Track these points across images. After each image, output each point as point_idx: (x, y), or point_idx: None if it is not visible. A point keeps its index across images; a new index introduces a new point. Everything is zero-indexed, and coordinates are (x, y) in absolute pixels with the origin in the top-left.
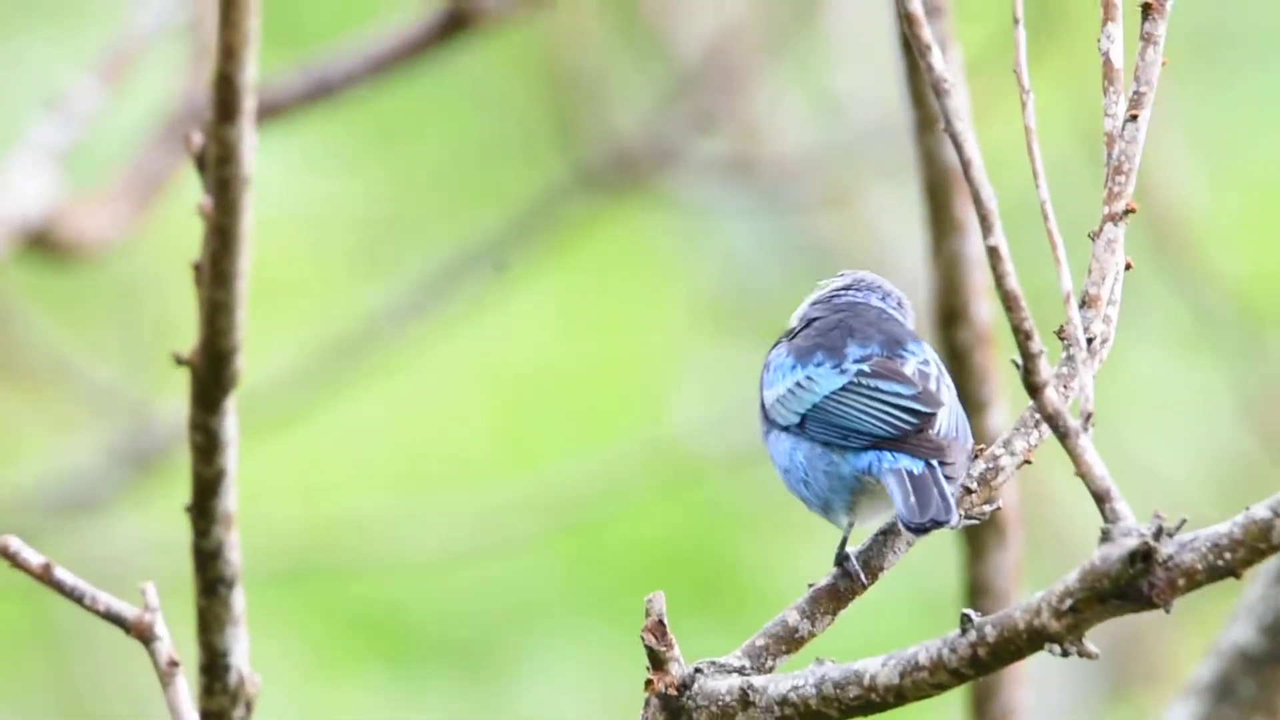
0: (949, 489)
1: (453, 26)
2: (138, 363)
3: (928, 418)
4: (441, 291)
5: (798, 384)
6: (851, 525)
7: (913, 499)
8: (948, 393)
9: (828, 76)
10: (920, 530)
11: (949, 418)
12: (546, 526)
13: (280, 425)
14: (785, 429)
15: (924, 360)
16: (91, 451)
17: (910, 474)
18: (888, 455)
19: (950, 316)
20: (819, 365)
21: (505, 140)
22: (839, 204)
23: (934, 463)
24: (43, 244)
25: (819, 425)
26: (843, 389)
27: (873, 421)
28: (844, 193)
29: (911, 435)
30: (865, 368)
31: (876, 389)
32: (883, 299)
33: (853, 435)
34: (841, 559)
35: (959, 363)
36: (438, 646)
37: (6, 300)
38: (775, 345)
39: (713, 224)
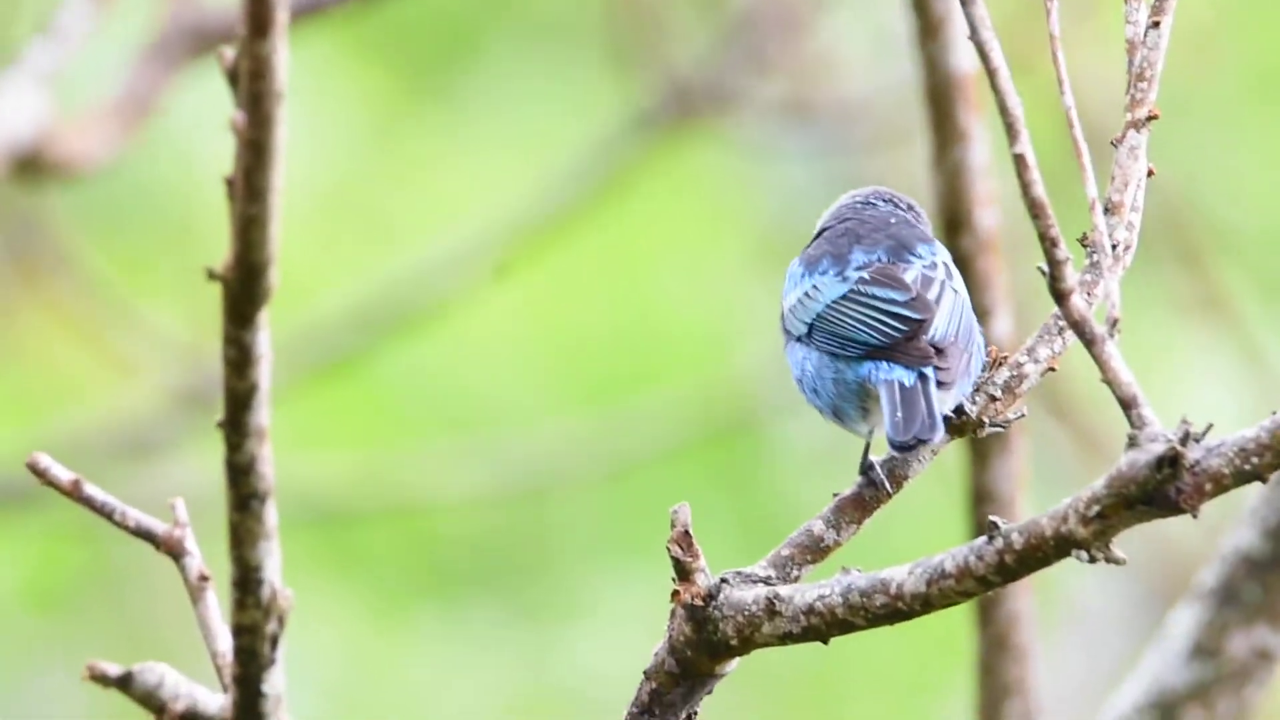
0: (937, 403)
1: None
2: (188, 295)
3: (919, 324)
4: (500, 236)
5: (805, 294)
6: (871, 432)
7: (899, 414)
8: (951, 296)
9: (883, 15)
10: (904, 448)
11: (946, 322)
12: (600, 467)
13: (336, 370)
14: (798, 339)
15: (930, 264)
16: (150, 393)
17: (901, 385)
18: (883, 365)
19: (953, 224)
20: (824, 273)
21: (563, 78)
22: (896, 144)
23: (926, 372)
24: (34, 165)
25: (823, 334)
26: (843, 297)
27: (865, 329)
28: (902, 133)
29: (902, 342)
30: (865, 274)
31: (873, 296)
32: (894, 207)
33: (850, 344)
34: (866, 468)
35: (963, 270)
36: (488, 587)
37: (61, 240)
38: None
39: (770, 165)
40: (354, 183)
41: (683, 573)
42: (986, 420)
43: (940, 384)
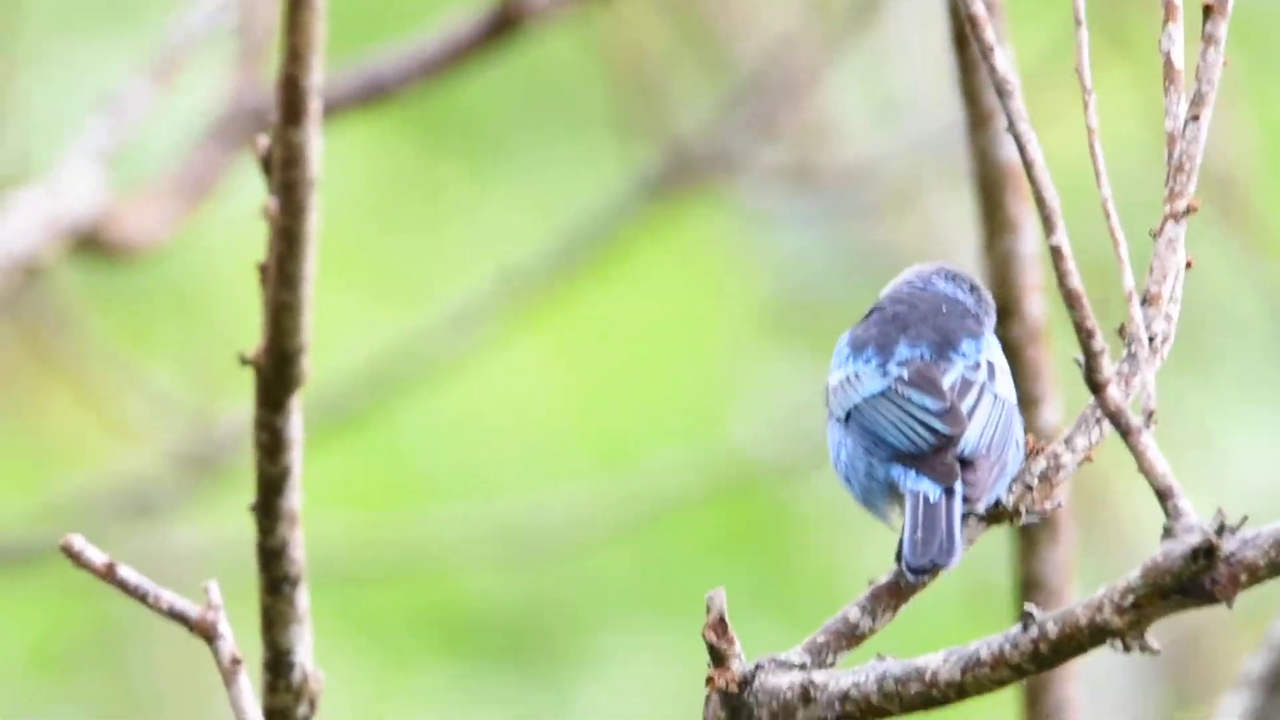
0: (959, 525)
1: (504, 25)
2: (196, 366)
3: (949, 438)
4: (499, 300)
5: (847, 379)
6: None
7: (918, 534)
8: (989, 403)
9: (888, 81)
10: (919, 573)
11: (979, 434)
12: (607, 528)
13: (344, 428)
14: (838, 420)
15: (974, 364)
16: (153, 457)
17: (925, 501)
18: (911, 473)
19: (1003, 313)
20: (867, 363)
21: (565, 143)
22: (901, 210)
23: (954, 487)
24: (92, 245)
25: (857, 427)
26: (881, 394)
27: (896, 433)
28: (905, 198)
29: (930, 455)
30: (904, 374)
31: (908, 399)
32: (955, 287)
33: (881, 444)
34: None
35: (1011, 359)
36: (500, 645)
37: (66, 305)
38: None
39: (773, 231)
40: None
41: (718, 658)
42: (1023, 509)
43: (966, 500)
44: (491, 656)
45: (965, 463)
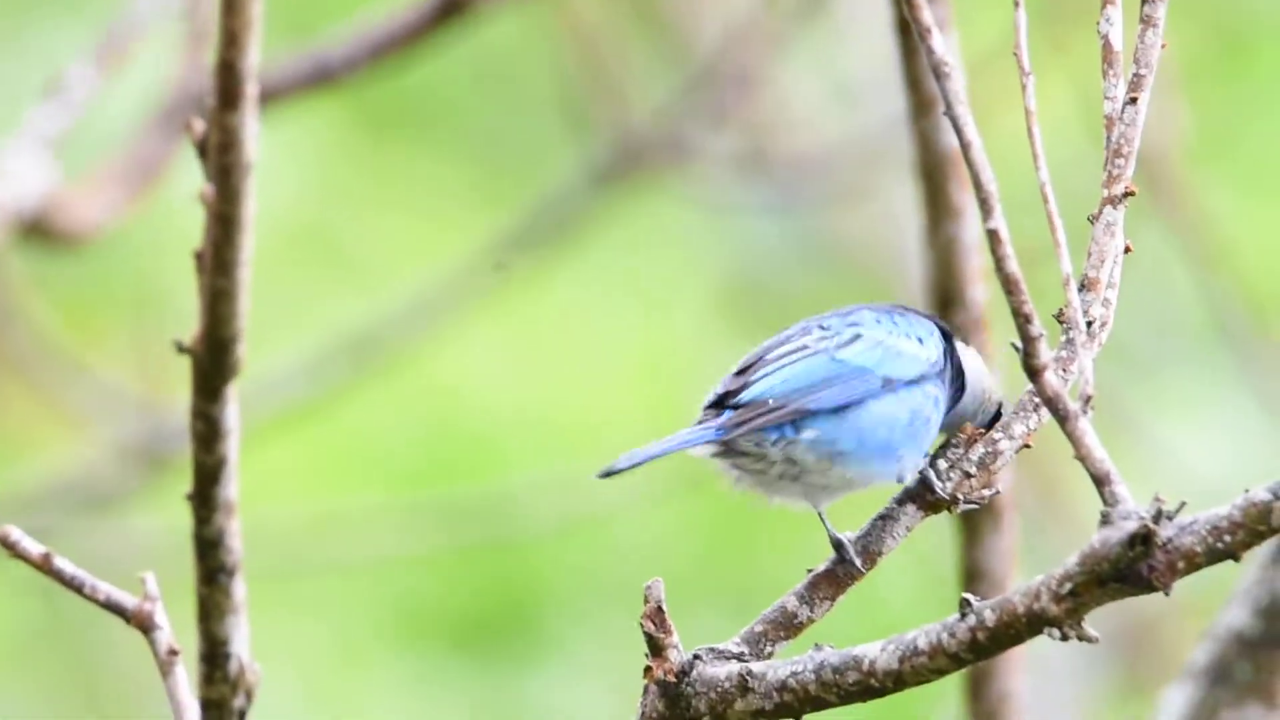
0: (651, 451)
1: (452, 8)
2: (143, 355)
3: (726, 394)
4: (449, 290)
5: None
6: (815, 507)
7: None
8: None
9: (840, 69)
10: (605, 475)
11: (767, 389)
12: (563, 518)
13: (290, 421)
14: None
15: (830, 335)
16: (100, 448)
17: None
18: None
19: (946, 301)
20: None
21: (514, 132)
22: (854, 198)
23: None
24: (38, 231)
25: None
26: None
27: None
28: (859, 187)
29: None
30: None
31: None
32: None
33: None
34: (836, 544)
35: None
36: (455, 634)
37: (11, 294)
38: None
39: (726, 218)
40: (309, 225)
41: (656, 649)
42: (961, 497)
43: (724, 433)
44: (446, 646)
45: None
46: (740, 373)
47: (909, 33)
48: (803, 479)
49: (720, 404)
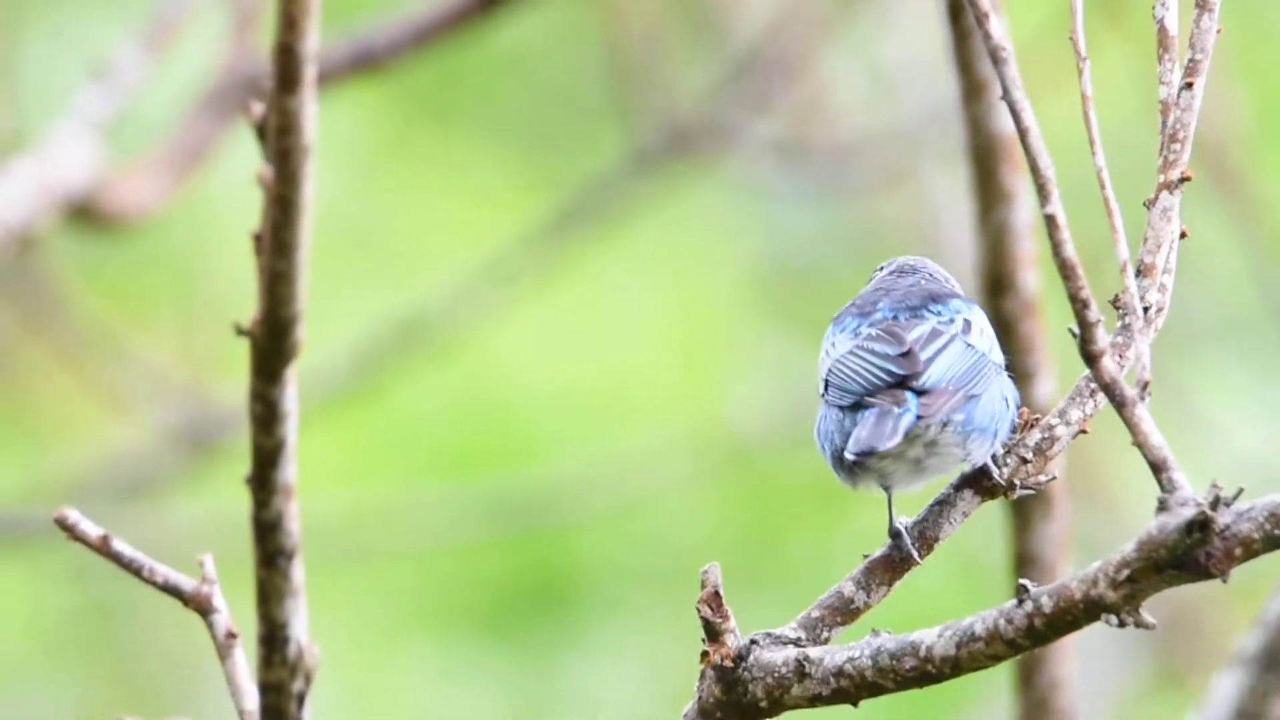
0: (903, 426)
1: None
2: (192, 339)
3: (904, 377)
4: (492, 275)
5: (826, 351)
6: (890, 490)
7: (863, 431)
8: (959, 350)
9: (882, 55)
10: (861, 455)
11: (942, 372)
12: (602, 503)
13: (335, 407)
14: (822, 396)
15: (949, 320)
16: (148, 432)
17: (878, 411)
18: (869, 406)
19: (997, 285)
20: (842, 330)
21: (558, 118)
22: (894, 186)
23: (903, 407)
24: (85, 214)
25: (830, 389)
26: (849, 352)
27: (856, 379)
28: (899, 175)
29: (884, 389)
30: (873, 331)
31: (870, 350)
32: (930, 274)
33: (844, 395)
34: (894, 533)
35: (1006, 332)
36: (489, 620)
37: (60, 276)
38: None
39: (766, 205)
40: (352, 210)
41: (713, 633)
42: (1018, 483)
43: (920, 417)
44: (482, 631)
45: (923, 393)
46: (904, 355)
47: (959, 16)
48: (926, 461)
49: (896, 386)
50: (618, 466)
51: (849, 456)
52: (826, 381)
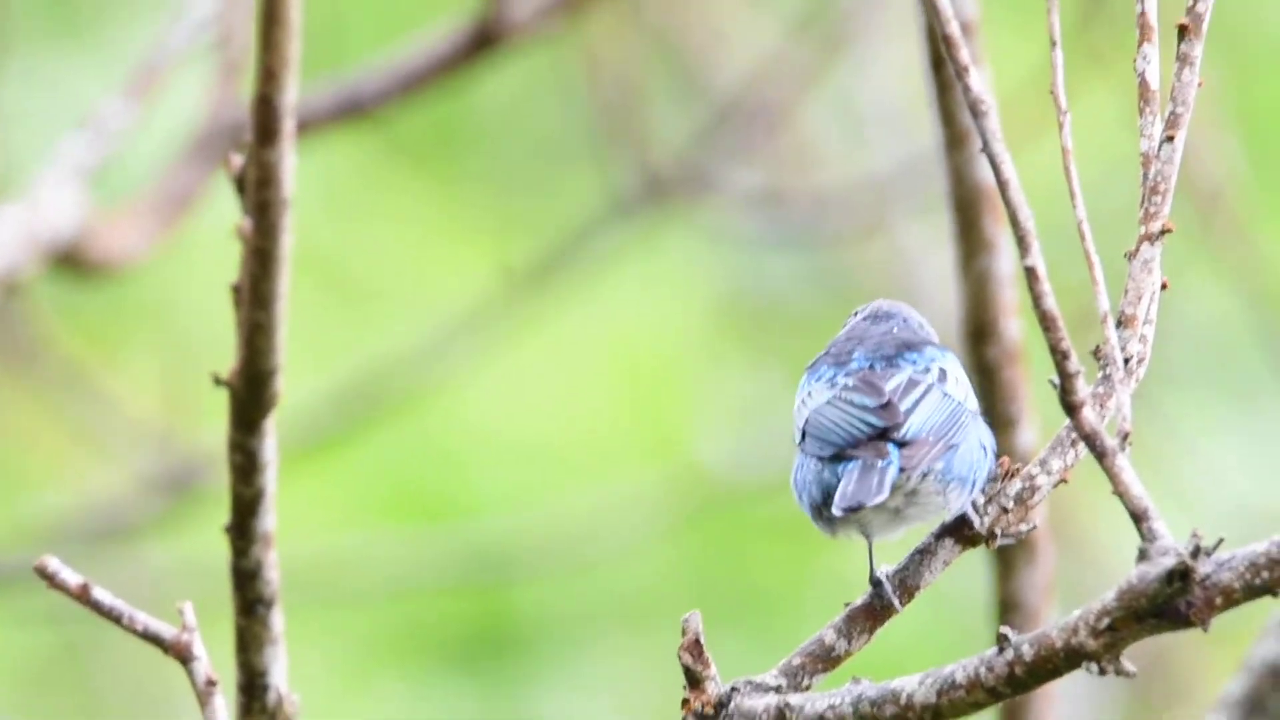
0: (889, 480)
1: (482, 43)
2: (171, 387)
3: (884, 430)
4: (467, 325)
5: (803, 400)
6: (869, 538)
7: (849, 486)
8: (936, 399)
9: (861, 105)
10: (848, 510)
11: (921, 423)
12: (572, 555)
13: (306, 454)
14: (798, 446)
15: (924, 369)
16: (124, 478)
17: (861, 465)
18: (850, 460)
19: (979, 334)
20: (818, 380)
21: (538, 166)
22: (872, 236)
23: (888, 462)
24: (71, 261)
25: (808, 440)
26: (827, 402)
27: (838, 432)
28: (877, 225)
29: (865, 441)
30: (850, 381)
31: (849, 401)
32: (904, 319)
33: (825, 445)
34: (875, 581)
35: (988, 380)
36: (465, 667)
37: (41, 323)
38: None
39: (745, 253)
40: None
41: (694, 681)
42: (999, 532)
43: (902, 469)
44: (456, 678)
45: (904, 444)
46: (883, 407)
47: (942, 67)
48: (905, 511)
49: (876, 437)
50: (589, 513)
51: (836, 513)
52: (804, 432)
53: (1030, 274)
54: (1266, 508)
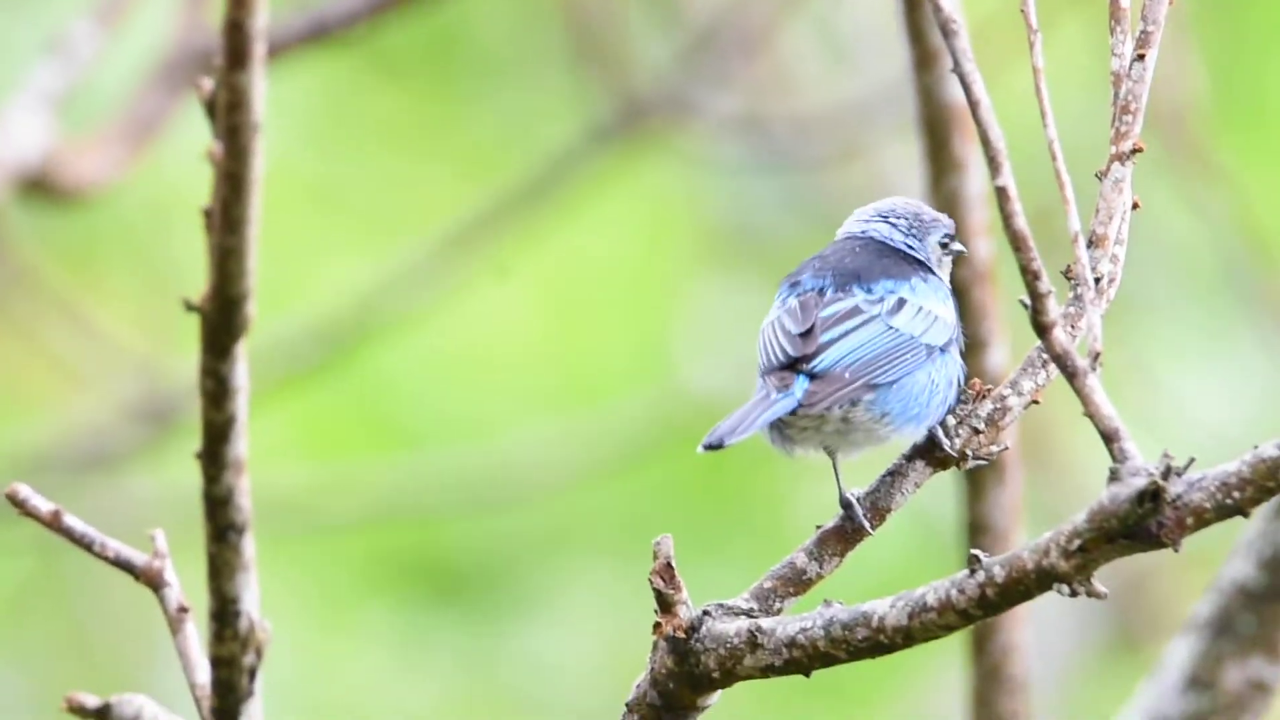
0: (760, 419)
1: None
2: (148, 313)
3: (796, 359)
4: (448, 257)
5: (767, 319)
6: (833, 458)
7: (727, 420)
8: (872, 331)
9: (840, 28)
10: (706, 448)
11: (840, 358)
12: (560, 474)
13: (292, 382)
14: None
15: (877, 299)
16: (105, 407)
17: (758, 395)
18: (760, 383)
19: None
20: (778, 298)
21: (517, 90)
22: (851, 159)
23: (780, 394)
24: (40, 187)
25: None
26: (768, 323)
27: (764, 355)
28: (856, 148)
29: (775, 368)
30: (790, 303)
31: (779, 324)
32: (893, 230)
33: (757, 367)
34: (845, 504)
35: (959, 300)
36: (444, 591)
37: (15, 252)
38: None
39: (726, 177)
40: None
41: (665, 605)
42: (970, 453)
43: (802, 405)
44: (432, 602)
45: (814, 377)
46: (804, 335)
47: None
48: (848, 436)
49: (789, 367)
50: (567, 438)
51: (699, 449)
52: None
53: (1001, 194)
54: (1233, 435)
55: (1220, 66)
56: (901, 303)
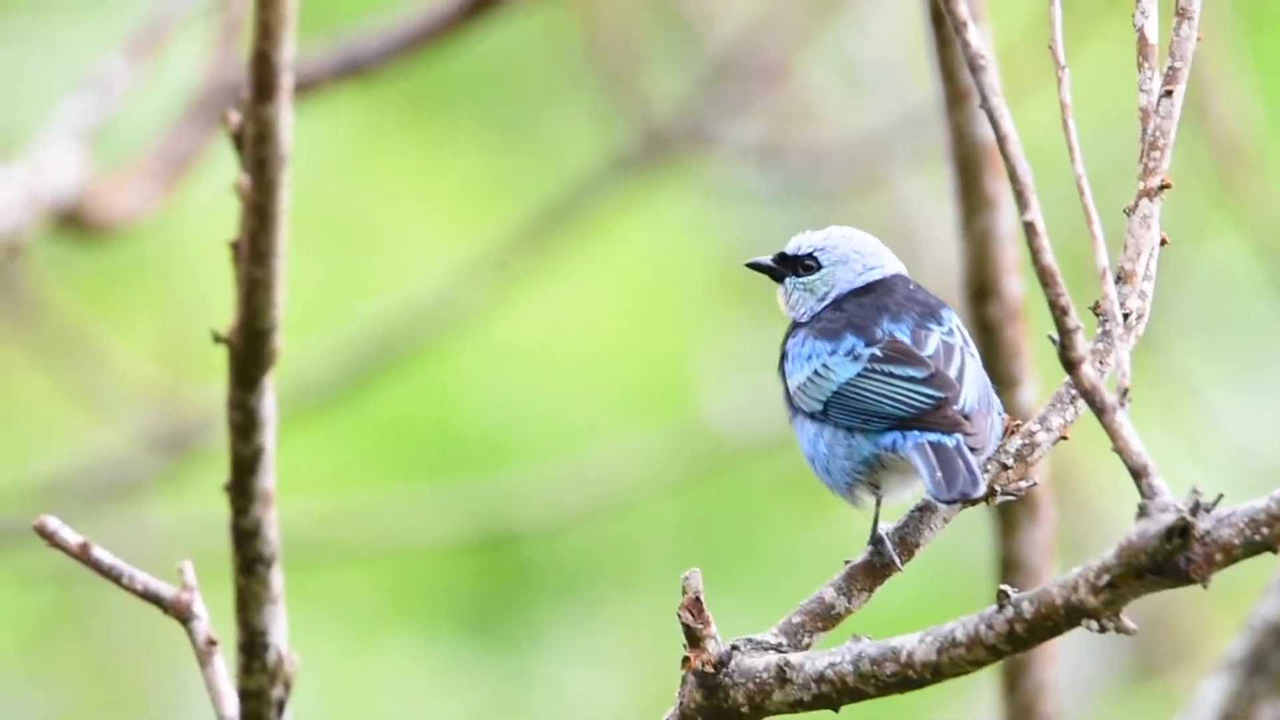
0: (974, 461)
1: (481, 3)
2: (171, 345)
3: (943, 400)
4: (467, 283)
5: (816, 372)
6: (879, 501)
7: (939, 474)
8: (973, 364)
9: (859, 59)
10: (951, 503)
11: (972, 391)
12: (576, 509)
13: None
14: (810, 415)
15: (949, 330)
16: (126, 437)
17: (935, 446)
18: (914, 433)
19: (981, 292)
20: (834, 353)
21: (539, 121)
22: (870, 190)
23: (959, 438)
24: (73, 222)
25: (841, 411)
26: (858, 375)
27: (890, 405)
28: (875, 179)
29: (931, 412)
30: (878, 352)
31: (890, 374)
32: (904, 276)
33: (873, 419)
34: (876, 540)
35: (990, 338)
36: (471, 623)
37: (41, 283)
38: (793, 332)
39: (743, 208)
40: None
41: (694, 639)
42: (999, 489)
43: (971, 449)
44: (461, 636)
45: (965, 417)
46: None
47: (943, 24)
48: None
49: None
50: (594, 468)
51: (943, 504)
52: (828, 404)
53: (1029, 229)
54: (1273, 460)
55: (1266, 91)
56: (962, 331)
